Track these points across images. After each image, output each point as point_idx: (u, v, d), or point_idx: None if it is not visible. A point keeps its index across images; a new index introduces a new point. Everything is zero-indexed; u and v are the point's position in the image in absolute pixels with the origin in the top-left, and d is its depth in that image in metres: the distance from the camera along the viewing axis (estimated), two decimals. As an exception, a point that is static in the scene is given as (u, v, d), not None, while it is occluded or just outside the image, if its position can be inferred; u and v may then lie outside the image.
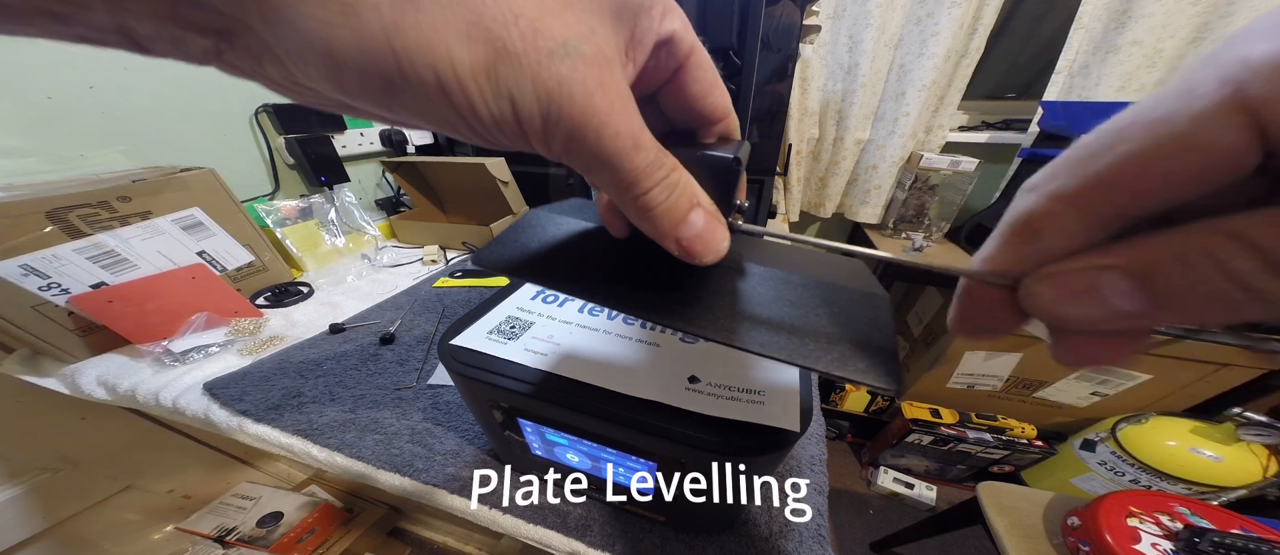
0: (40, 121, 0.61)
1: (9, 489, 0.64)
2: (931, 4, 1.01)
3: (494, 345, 0.30)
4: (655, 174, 0.14)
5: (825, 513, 0.36)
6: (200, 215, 0.61)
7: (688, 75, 0.16)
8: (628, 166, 0.13)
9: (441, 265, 0.87)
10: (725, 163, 0.16)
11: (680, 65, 0.16)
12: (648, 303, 0.18)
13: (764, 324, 0.17)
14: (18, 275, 0.47)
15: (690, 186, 0.15)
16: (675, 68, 0.16)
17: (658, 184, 0.14)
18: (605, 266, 0.21)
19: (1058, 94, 1.03)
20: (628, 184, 0.13)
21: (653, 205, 0.14)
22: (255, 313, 0.64)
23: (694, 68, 0.16)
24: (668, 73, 0.16)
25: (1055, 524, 0.71)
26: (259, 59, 0.11)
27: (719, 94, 0.17)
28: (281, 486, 0.87)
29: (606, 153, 0.12)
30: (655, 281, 0.19)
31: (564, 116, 0.12)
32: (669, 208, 0.14)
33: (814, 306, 0.18)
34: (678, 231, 0.15)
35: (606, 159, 0.13)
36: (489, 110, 0.11)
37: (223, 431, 0.46)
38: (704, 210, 0.15)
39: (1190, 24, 0.89)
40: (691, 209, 0.15)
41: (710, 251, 0.15)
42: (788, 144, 1.20)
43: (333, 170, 0.95)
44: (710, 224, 0.15)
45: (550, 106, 0.11)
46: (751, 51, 0.40)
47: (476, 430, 0.43)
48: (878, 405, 1.40)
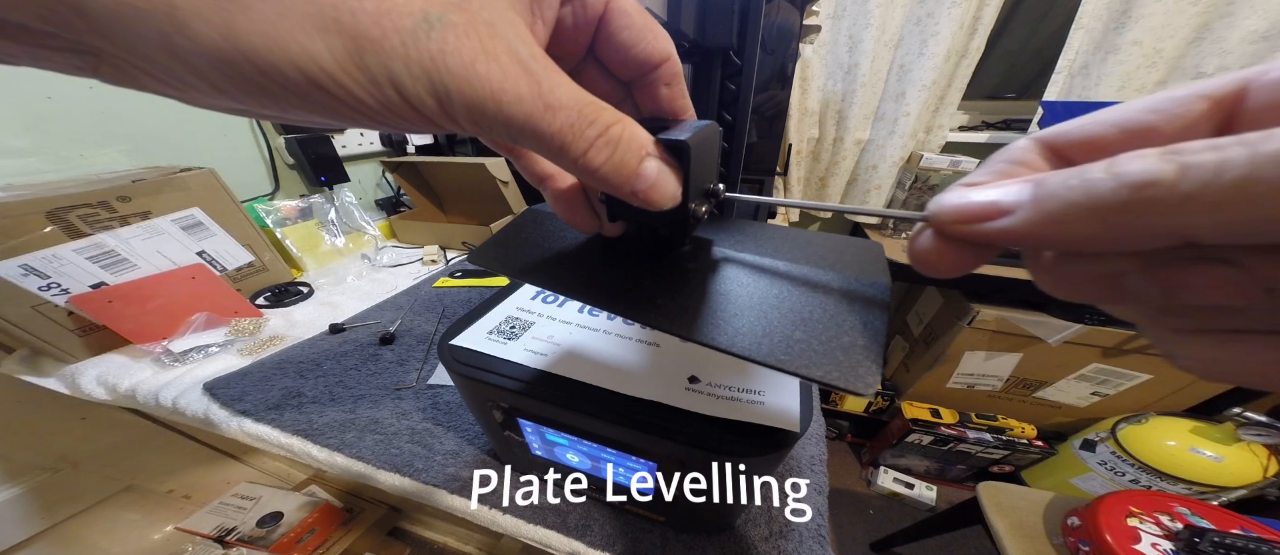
0: (40, 121, 0.61)
1: (9, 489, 0.64)
2: (931, 4, 1.01)
3: (494, 345, 0.30)
4: (587, 132, 0.13)
5: (825, 513, 0.36)
6: (200, 215, 0.61)
7: (612, 26, 0.15)
8: (546, 130, 0.12)
9: (441, 265, 0.87)
10: (676, 145, 0.15)
11: (601, 16, 0.15)
12: (633, 301, 0.18)
13: (745, 323, 0.17)
14: (18, 275, 0.47)
15: (636, 137, 0.14)
16: (595, 20, 0.15)
17: (593, 143, 0.13)
18: (598, 265, 0.21)
19: (1058, 94, 1.03)
20: (559, 148, 0.13)
21: (596, 165, 0.13)
22: (255, 313, 0.64)
23: (616, 16, 0.15)
24: (590, 28, 0.15)
25: (1055, 524, 0.71)
26: (128, 74, 0.10)
27: (651, 37, 0.16)
28: (281, 486, 0.87)
29: (516, 121, 0.12)
30: (643, 279, 0.19)
31: (454, 93, 0.11)
32: (617, 165, 0.13)
33: (804, 301, 0.18)
34: (632, 185, 0.14)
35: (519, 127, 0.12)
36: (375, 99, 0.11)
37: (223, 431, 0.45)
38: (657, 158, 0.14)
39: (1190, 24, 0.89)
40: (642, 161, 0.14)
41: (666, 198, 0.15)
42: (788, 144, 1.20)
43: (333, 170, 0.95)
44: (663, 172, 0.15)
45: (434, 85, 0.11)
46: (751, 52, 0.40)
47: (476, 430, 0.43)
48: (878, 405, 1.40)
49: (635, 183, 0.14)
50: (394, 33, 0.10)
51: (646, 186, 0.14)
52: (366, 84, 0.10)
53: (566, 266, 0.21)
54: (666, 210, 0.15)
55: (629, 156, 0.14)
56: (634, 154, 0.14)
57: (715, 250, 0.21)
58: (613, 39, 0.15)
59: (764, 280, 0.19)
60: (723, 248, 0.21)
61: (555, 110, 0.12)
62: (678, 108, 0.18)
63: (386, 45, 0.10)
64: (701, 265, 0.20)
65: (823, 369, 0.15)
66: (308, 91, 0.10)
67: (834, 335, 0.16)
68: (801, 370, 0.15)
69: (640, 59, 0.16)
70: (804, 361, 0.15)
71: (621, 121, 0.13)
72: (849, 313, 0.17)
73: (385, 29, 0.10)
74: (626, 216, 0.19)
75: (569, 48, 0.16)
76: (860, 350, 0.15)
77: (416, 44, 0.10)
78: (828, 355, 0.15)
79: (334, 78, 0.10)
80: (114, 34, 0.09)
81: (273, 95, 0.10)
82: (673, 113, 0.18)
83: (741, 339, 0.16)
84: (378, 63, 0.10)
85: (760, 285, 0.18)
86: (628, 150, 0.14)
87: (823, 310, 0.17)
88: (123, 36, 0.09)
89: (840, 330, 0.16)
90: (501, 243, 0.23)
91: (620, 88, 0.18)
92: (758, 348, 0.16)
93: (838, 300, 0.17)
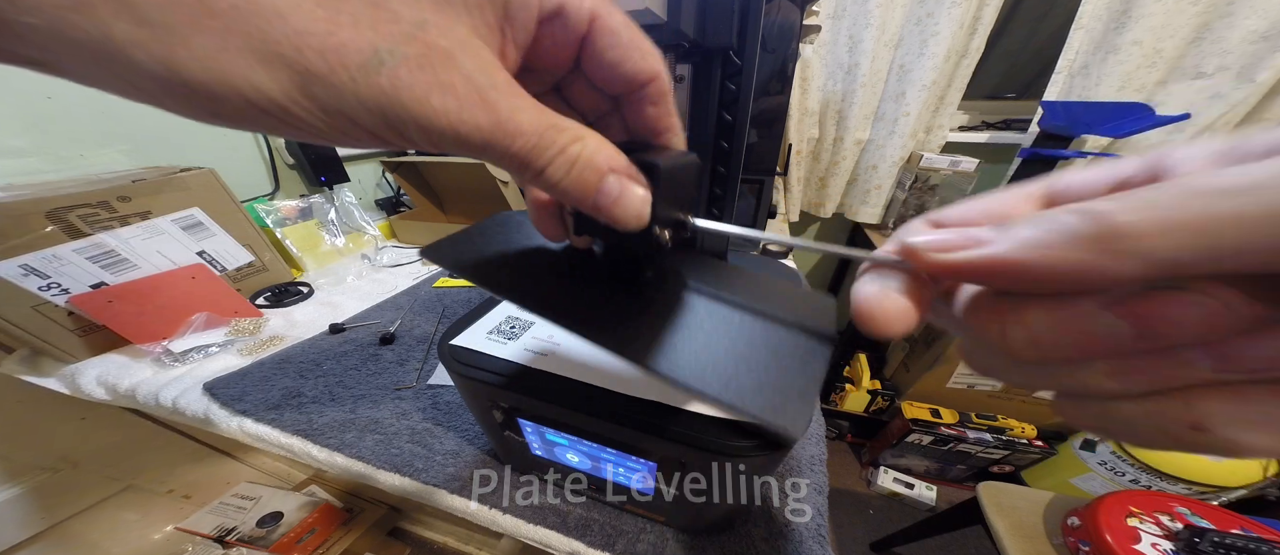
0: (40, 121, 0.61)
1: (9, 489, 0.64)
2: (931, 4, 1.01)
3: (494, 345, 0.30)
4: (544, 153, 0.13)
5: (825, 513, 0.36)
6: (200, 215, 0.61)
7: (597, 43, 0.15)
8: (506, 153, 0.12)
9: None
10: (647, 165, 0.15)
11: (584, 35, 0.15)
12: (583, 318, 0.18)
13: (690, 354, 0.17)
14: (18, 275, 0.47)
15: (596, 155, 0.14)
16: (578, 39, 0.15)
17: (551, 162, 0.13)
18: (551, 279, 0.20)
19: (1058, 94, 1.03)
20: (519, 167, 0.13)
21: (556, 180, 0.13)
22: (255, 313, 0.64)
23: (602, 34, 0.15)
24: (572, 46, 0.15)
25: (1055, 524, 0.71)
26: (80, 80, 0.10)
27: (639, 55, 0.15)
28: (281, 486, 0.86)
29: (475, 146, 0.12)
30: (598, 298, 0.19)
31: (408, 122, 0.11)
32: (574, 181, 0.14)
33: (751, 342, 0.18)
34: (594, 201, 0.14)
35: (478, 151, 0.12)
36: (328, 125, 0.11)
37: (223, 431, 0.46)
38: (620, 175, 0.14)
39: (1190, 24, 0.89)
40: (603, 177, 0.14)
41: (630, 216, 0.15)
42: (788, 144, 1.20)
43: (333, 170, 0.95)
44: (627, 189, 0.14)
45: (388, 116, 0.11)
46: (751, 52, 0.40)
47: (476, 430, 0.43)
48: (878, 405, 1.40)
49: (598, 198, 0.14)
50: (342, 69, 0.10)
51: (609, 202, 0.14)
52: (319, 113, 0.10)
53: (519, 273, 0.20)
54: (632, 230, 0.15)
55: (588, 174, 0.14)
56: (594, 171, 0.14)
57: (677, 281, 0.20)
58: (598, 57, 0.15)
59: (718, 316, 0.19)
60: (687, 279, 0.20)
61: (512, 136, 0.12)
62: (663, 127, 0.18)
63: (335, 80, 0.10)
64: (660, 293, 0.20)
65: (757, 406, 0.15)
66: (257, 117, 0.10)
67: (774, 378, 0.16)
68: (737, 403, 0.15)
69: (626, 77, 0.16)
70: (741, 398, 0.15)
71: (581, 140, 0.13)
72: (792, 357, 0.17)
73: (332, 65, 0.10)
74: (591, 232, 0.19)
75: (551, 64, 0.16)
76: (795, 393, 0.16)
77: (367, 79, 0.10)
78: (762, 394, 0.15)
79: (283, 107, 0.10)
80: (57, 55, 0.09)
81: (226, 117, 0.10)
82: (658, 131, 0.18)
83: (682, 370, 0.16)
84: (327, 95, 0.10)
85: (714, 320, 0.18)
86: (587, 167, 0.14)
87: (768, 352, 0.17)
88: (66, 58, 0.09)
89: (782, 373, 0.16)
90: (457, 241, 0.22)
91: (608, 101, 0.18)
92: (700, 380, 0.16)
93: (784, 344, 0.17)
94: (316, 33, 0.10)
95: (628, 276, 0.20)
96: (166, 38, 0.09)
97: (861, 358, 1.43)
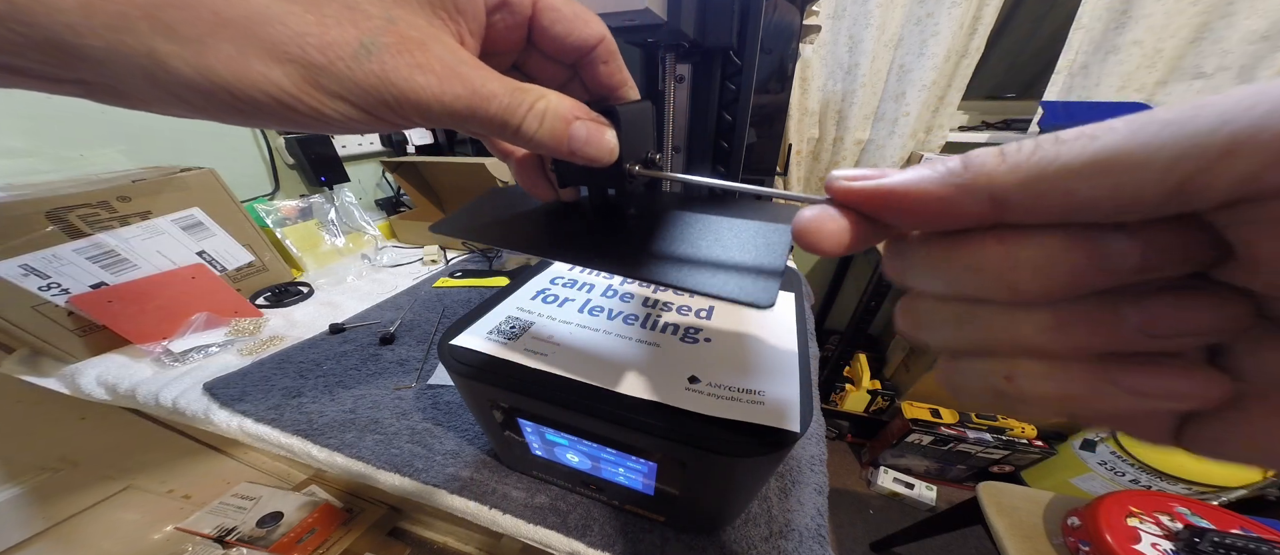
0: (40, 121, 0.61)
1: (9, 489, 0.64)
2: (931, 4, 1.01)
3: (494, 345, 0.30)
4: (517, 111, 0.15)
5: (825, 513, 0.36)
6: (200, 215, 0.61)
7: (543, 20, 0.17)
8: (486, 115, 0.14)
9: (441, 265, 0.87)
10: (605, 109, 0.18)
11: (531, 16, 0.17)
12: (580, 247, 0.22)
13: (672, 261, 0.20)
14: (18, 275, 0.47)
15: (560, 107, 0.16)
16: (525, 21, 0.17)
17: (522, 119, 0.15)
18: (550, 225, 0.24)
19: (1058, 94, 1.03)
20: (499, 127, 0.15)
21: (532, 133, 0.16)
22: (255, 313, 0.64)
23: (546, 11, 0.17)
24: (521, 28, 0.17)
25: (1055, 524, 0.71)
26: (123, 97, 0.11)
27: (582, 24, 0.18)
28: (281, 486, 0.86)
29: (460, 113, 0.14)
30: (591, 232, 0.23)
31: (401, 101, 0.13)
32: (547, 131, 0.16)
33: (722, 241, 0.20)
34: (568, 146, 0.17)
35: (463, 118, 0.14)
36: (336, 112, 0.13)
37: (223, 432, 0.45)
38: (585, 120, 0.17)
39: (1190, 24, 0.89)
40: (570, 124, 0.16)
41: (603, 153, 0.17)
42: (788, 144, 1.20)
43: (333, 170, 0.95)
44: (594, 130, 0.17)
45: (382, 98, 0.13)
46: (751, 52, 0.40)
47: (476, 430, 0.43)
48: (878, 405, 1.40)
49: (571, 143, 0.17)
50: (339, 59, 0.12)
51: (581, 144, 0.17)
52: (327, 101, 0.12)
53: (520, 227, 0.24)
54: (607, 169, 0.18)
55: (557, 123, 0.16)
56: (561, 120, 0.16)
57: (657, 216, 0.23)
58: (546, 32, 0.17)
59: (693, 229, 0.22)
60: (665, 213, 0.23)
61: (488, 100, 0.14)
62: (616, 82, 0.20)
63: (335, 70, 0.12)
64: (641, 225, 0.23)
65: (730, 289, 0.18)
66: (276, 110, 0.12)
67: (743, 266, 0.19)
68: (711, 291, 0.18)
69: (576, 46, 0.18)
70: (715, 285, 0.18)
71: (545, 96, 0.16)
72: (756, 247, 0.20)
73: (330, 57, 0.12)
74: (574, 180, 0.22)
75: (505, 46, 0.18)
76: (762, 274, 0.18)
77: (361, 66, 0.12)
78: (733, 279, 0.18)
79: (299, 98, 0.12)
80: (105, 72, 0.10)
81: (247, 114, 0.12)
82: (612, 86, 0.20)
83: (670, 273, 0.19)
84: (331, 83, 0.12)
85: (690, 234, 0.21)
86: (556, 118, 0.16)
87: (738, 248, 0.20)
88: (113, 74, 0.10)
89: (749, 260, 0.19)
90: (461, 214, 0.26)
91: (567, 70, 0.20)
92: (682, 278, 0.19)
93: (749, 242, 0.20)
94: (311, 32, 0.12)
95: (612, 215, 0.23)
96: (198, 48, 0.10)
97: (861, 358, 1.43)
